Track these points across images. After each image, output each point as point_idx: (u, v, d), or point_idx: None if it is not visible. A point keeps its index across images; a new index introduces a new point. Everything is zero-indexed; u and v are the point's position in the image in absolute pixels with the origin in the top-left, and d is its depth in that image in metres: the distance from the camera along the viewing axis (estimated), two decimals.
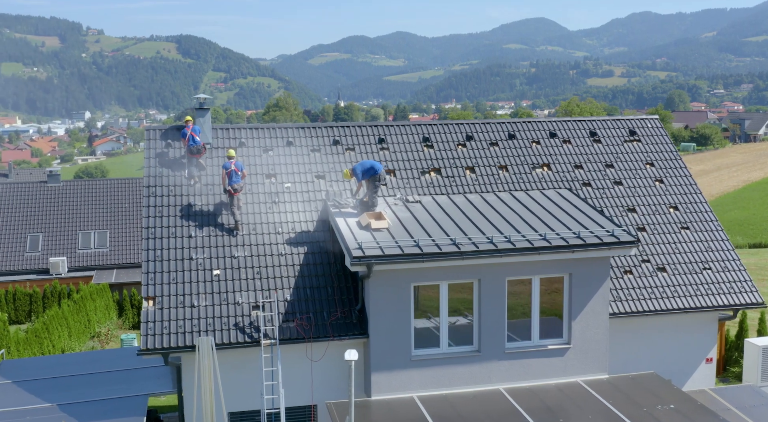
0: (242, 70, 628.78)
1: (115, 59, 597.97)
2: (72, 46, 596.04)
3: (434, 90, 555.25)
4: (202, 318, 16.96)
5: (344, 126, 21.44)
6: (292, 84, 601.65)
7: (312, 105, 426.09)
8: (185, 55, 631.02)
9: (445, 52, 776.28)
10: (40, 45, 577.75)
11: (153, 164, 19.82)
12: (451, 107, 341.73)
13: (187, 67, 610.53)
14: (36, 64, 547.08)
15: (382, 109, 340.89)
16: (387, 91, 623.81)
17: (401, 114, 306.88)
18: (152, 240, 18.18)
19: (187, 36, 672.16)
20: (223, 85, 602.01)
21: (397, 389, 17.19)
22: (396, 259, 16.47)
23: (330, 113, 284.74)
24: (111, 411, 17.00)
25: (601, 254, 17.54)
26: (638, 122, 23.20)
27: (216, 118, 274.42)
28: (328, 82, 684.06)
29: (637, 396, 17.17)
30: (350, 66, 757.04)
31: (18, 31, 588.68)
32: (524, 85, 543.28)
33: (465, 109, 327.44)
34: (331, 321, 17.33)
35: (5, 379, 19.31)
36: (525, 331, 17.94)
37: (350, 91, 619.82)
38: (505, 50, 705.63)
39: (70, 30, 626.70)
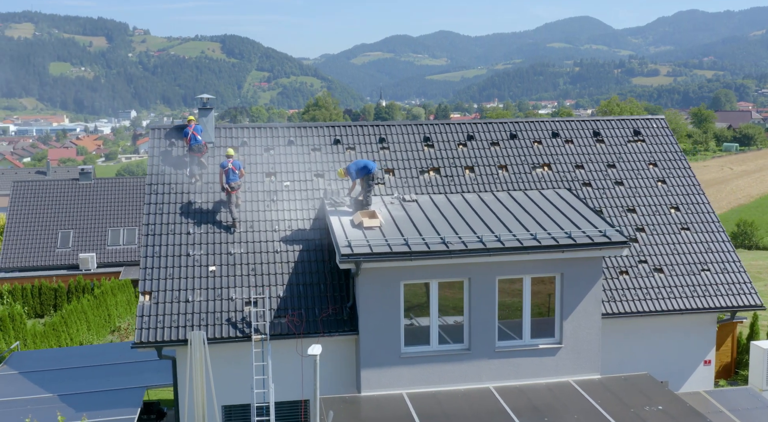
0: (285, 69, 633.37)
1: (161, 59, 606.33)
2: (119, 46, 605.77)
3: (477, 89, 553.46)
4: (196, 313, 17.35)
5: (345, 125, 21.71)
6: (334, 83, 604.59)
7: (354, 104, 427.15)
8: (229, 55, 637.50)
9: (488, 51, 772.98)
10: (87, 45, 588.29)
11: (156, 162, 20.30)
12: (492, 106, 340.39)
13: (231, 67, 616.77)
14: (84, 63, 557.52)
15: (423, 108, 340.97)
16: (429, 90, 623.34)
17: (442, 113, 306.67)
18: (151, 237, 18.64)
19: (231, 36, 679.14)
20: (267, 84, 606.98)
21: (387, 386, 17.39)
22: (384, 257, 16.68)
23: (371, 112, 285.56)
24: (108, 402, 17.50)
25: (592, 254, 17.54)
26: (644, 122, 23.07)
27: (258, 117, 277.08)
28: (370, 82, 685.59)
29: (627, 397, 17.13)
30: (393, 65, 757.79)
31: (66, 32, 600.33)
32: (568, 85, 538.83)
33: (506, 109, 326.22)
34: (322, 317, 17.61)
35: (12, 370, 19.96)
36: (517, 330, 18.02)
37: (392, 91, 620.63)
38: (548, 49, 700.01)
39: (117, 30, 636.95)
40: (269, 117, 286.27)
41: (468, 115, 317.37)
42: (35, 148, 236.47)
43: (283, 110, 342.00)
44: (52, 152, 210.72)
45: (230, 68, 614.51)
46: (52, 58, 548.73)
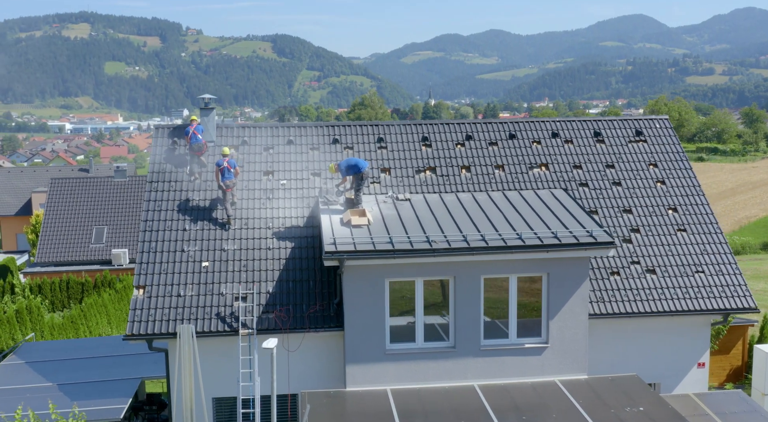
0: (335, 68, 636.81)
1: (213, 58, 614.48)
2: (172, 46, 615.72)
3: (527, 88, 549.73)
4: (187, 307, 17.85)
5: (345, 125, 22.02)
6: (384, 82, 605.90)
7: (404, 103, 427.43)
8: (280, 55, 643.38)
9: (540, 50, 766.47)
10: (141, 45, 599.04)
11: (158, 160, 20.87)
12: (541, 106, 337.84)
13: (281, 66, 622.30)
14: (138, 63, 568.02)
15: (471, 107, 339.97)
16: (479, 89, 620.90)
17: (490, 112, 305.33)
18: (148, 233, 19.20)
19: (282, 35, 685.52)
20: (317, 83, 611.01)
21: (372, 381, 17.65)
22: (367, 255, 16.94)
23: (419, 112, 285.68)
24: (102, 392, 18.12)
25: (578, 254, 17.56)
26: (646, 122, 22.92)
27: (306, 116, 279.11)
28: (420, 81, 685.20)
29: (610, 398, 17.13)
30: (443, 64, 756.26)
31: (121, 32, 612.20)
32: (620, 84, 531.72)
33: (556, 108, 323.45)
34: (309, 313, 17.95)
35: (19, 360, 20.73)
36: (504, 329, 18.12)
37: (442, 90, 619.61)
38: (601, 48, 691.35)
39: (171, 30, 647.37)
40: (317, 116, 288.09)
41: (517, 114, 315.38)
42: (89, 145, 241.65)
43: (332, 109, 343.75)
44: (105, 150, 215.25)
45: (281, 68, 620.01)
46: (108, 57, 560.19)
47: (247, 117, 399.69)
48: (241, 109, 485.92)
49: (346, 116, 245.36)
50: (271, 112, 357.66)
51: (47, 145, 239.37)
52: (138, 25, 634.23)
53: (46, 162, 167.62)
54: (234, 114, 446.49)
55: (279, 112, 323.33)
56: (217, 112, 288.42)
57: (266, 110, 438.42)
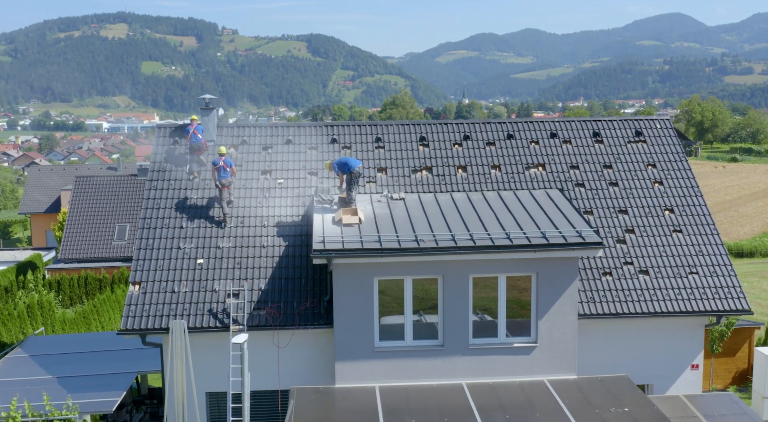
0: (370, 68, 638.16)
1: (248, 58, 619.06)
2: (208, 46, 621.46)
3: (562, 88, 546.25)
4: (180, 303, 18.21)
5: (343, 125, 22.26)
6: (418, 82, 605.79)
7: (438, 103, 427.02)
8: (315, 54, 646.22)
9: (575, 49, 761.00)
10: (178, 45, 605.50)
11: (158, 159, 21.28)
12: (575, 105, 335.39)
13: (316, 66, 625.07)
14: (174, 63, 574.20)
15: (505, 107, 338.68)
16: (514, 88, 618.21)
17: (524, 112, 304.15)
18: (146, 230, 19.60)
19: (317, 35, 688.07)
20: (351, 83, 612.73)
21: (361, 378, 17.86)
22: (355, 253, 17.15)
23: (452, 111, 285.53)
24: (99, 385, 18.56)
25: (567, 254, 17.60)
26: (647, 123, 22.84)
27: (340, 116, 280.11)
28: (454, 80, 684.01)
29: (596, 398, 17.16)
30: (477, 63, 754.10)
31: (158, 32, 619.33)
32: (657, 83, 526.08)
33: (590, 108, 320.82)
34: (299, 310, 18.22)
35: (23, 353, 21.28)
36: (494, 328, 18.22)
37: (477, 89, 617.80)
38: (637, 47, 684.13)
39: (207, 30, 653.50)
40: (351, 115, 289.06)
41: (551, 114, 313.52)
42: (124, 144, 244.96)
43: (365, 109, 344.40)
44: (139, 149, 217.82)
45: (315, 67, 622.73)
46: (144, 57, 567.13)
47: (281, 116, 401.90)
48: (276, 109, 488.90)
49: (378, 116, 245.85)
50: (305, 112, 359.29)
51: (84, 143, 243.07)
52: (174, 25, 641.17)
53: (82, 160, 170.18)
54: (268, 113, 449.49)
55: (312, 111, 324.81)
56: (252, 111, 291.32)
57: (300, 110, 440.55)
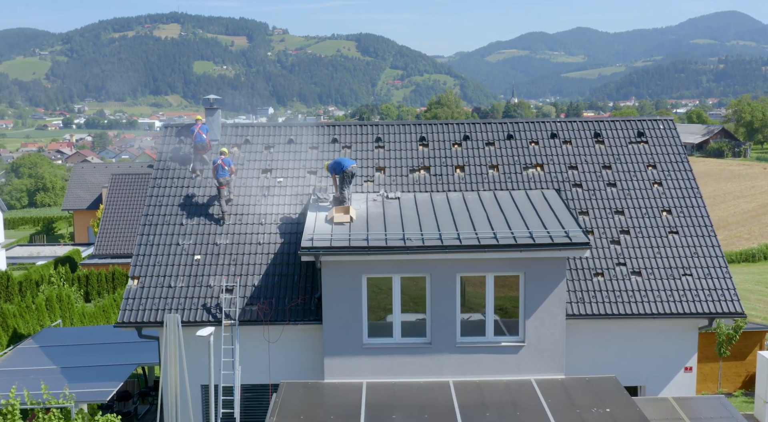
0: (419, 67, 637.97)
1: (298, 58, 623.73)
2: (258, 46, 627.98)
3: (614, 87, 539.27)
4: (175, 298, 18.74)
5: (345, 125, 22.58)
6: (467, 81, 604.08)
7: (486, 102, 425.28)
8: (364, 53, 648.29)
9: (628, 48, 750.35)
10: (229, 44, 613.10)
11: (164, 158, 21.87)
12: (626, 105, 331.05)
13: (365, 65, 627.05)
14: (225, 62, 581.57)
15: (554, 106, 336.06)
16: (565, 88, 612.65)
17: (573, 111, 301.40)
18: (147, 227, 20.19)
19: (366, 34, 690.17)
20: (400, 82, 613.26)
21: (349, 374, 18.18)
22: (341, 251, 17.48)
23: (500, 110, 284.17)
24: (98, 376, 19.23)
25: (554, 254, 17.67)
26: (649, 123, 22.70)
27: (387, 115, 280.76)
28: (504, 79, 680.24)
29: (580, 398, 17.20)
30: (528, 63, 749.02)
31: (210, 32, 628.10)
32: (711, 82, 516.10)
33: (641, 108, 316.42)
34: (290, 306, 18.60)
35: (34, 344, 22.07)
36: (482, 327, 18.37)
37: (527, 88, 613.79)
38: (691, 45, 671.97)
39: (258, 30, 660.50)
40: (398, 114, 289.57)
41: (602, 113, 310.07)
42: None
43: (412, 108, 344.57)
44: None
45: (365, 66, 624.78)
46: (196, 57, 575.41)
47: (330, 115, 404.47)
48: (325, 108, 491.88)
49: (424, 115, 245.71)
50: (353, 111, 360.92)
51: (135, 141, 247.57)
52: (226, 25, 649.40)
53: (132, 158, 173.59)
54: (317, 112, 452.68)
55: (360, 110, 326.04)
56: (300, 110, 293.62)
57: (349, 109, 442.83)
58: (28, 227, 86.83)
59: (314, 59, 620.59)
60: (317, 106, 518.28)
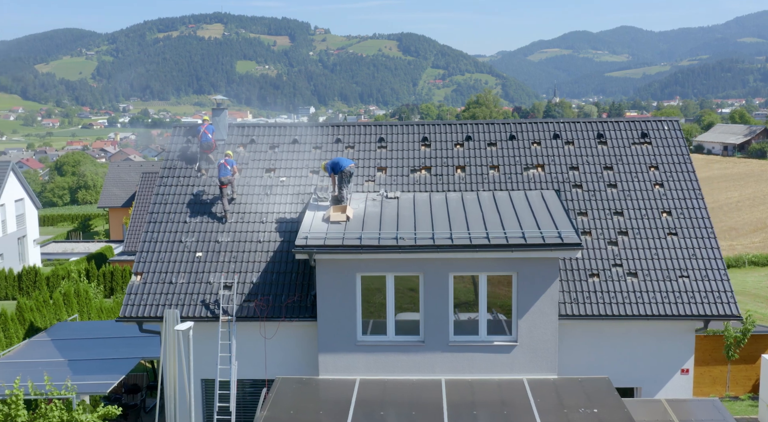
0: (460, 66, 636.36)
1: (340, 57, 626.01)
2: (300, 45, 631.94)
3: (658, 86, 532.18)
4: (176, 294, 19.20)
5: (349, 125, 22.88)
6: (509, 80, 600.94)
7: (528, 102, 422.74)
8: (405, 53, 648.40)
9: (673, 47, 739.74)
10: (271, 44, 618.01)
11: (171, 157, 22.38)
12: (669, 104, 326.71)
13: (406, 65, 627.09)
14: (267, 62, 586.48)
15: (596, 106, 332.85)
16: (608, 87, 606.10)
17: (615, 111, 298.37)
18: (152, 224, 20.70)
19: (408, 34, 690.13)
20: (441, 81, 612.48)
21: (343, 371, 18.47)
22: (334, 250, 17.78)
23: (540, 110, 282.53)
24: (102, 369, 19.78)
25: (546, 255, 17.75)
26: (654, 124, 22.60)
27: (427, 114, 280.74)
28: (546, 79, 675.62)
29: (570, 398, 17.26)
30: (570, 62, 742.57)
31: (252, 32, 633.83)
32: (758, 82, 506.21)
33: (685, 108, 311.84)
34: (286, 303, 18.95)
35: (47, 337, 22.73)
36: (475, 326, 18.52)
37: (569, 88, 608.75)
38: (738, 44, 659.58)
39: (299, 29, 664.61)
40: (438, 114, 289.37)
41: (645, 113, 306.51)
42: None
43: (452, 108, 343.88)
44: None
45: (406, 66, 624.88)
46: (239, 56, 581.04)
47: (370, 114, 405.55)
48: (366, 107, 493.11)
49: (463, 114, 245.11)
50: (393, 110, 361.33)
51: None
52: (268, 24, 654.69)
53: None
54: (358, 111, 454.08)
55: (400, 110, 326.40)
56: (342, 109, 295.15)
57: (390, 108, 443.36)
58: (66, 224, 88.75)
59: (356, 59, 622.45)
60: (358, 105, 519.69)
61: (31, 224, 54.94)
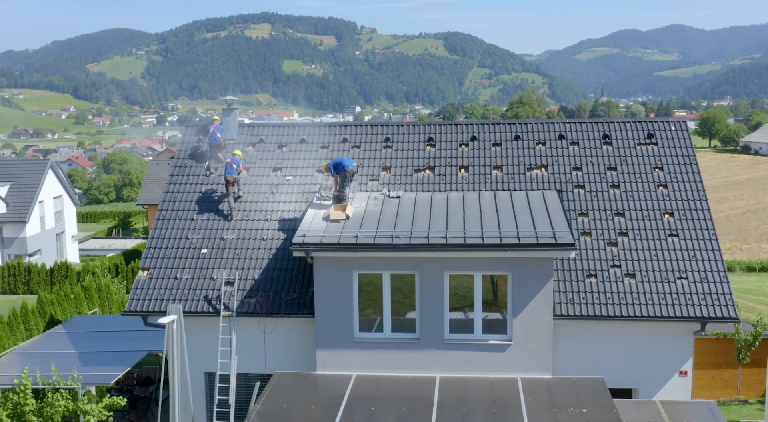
0: (507, 66, 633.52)
1: (386, 56, 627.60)
2: (347, 45, 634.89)
3: (709, 86, 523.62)
4: (180, 289, 19.73)
5: (356, 125, 23.20)
6: (556, 80, 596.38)
7: (575, 101, 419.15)
8: (452, 52, 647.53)
9: (725, 46, 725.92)
10: (318, 43, 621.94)
11: (182, 156, 22.95)
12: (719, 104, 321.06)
13: (453, 64, 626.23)
14: (314, 61, 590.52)
15: (643, 105, 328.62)
16: (657, 86, 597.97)
17: (664, 111, 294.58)
18: (161, 221, 21.27)
19: (454, 33, 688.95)
20: (487, 81, 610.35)
21: (340, 367, 18.80)
22: (330, 248, 18.12)
23: (586, 110, 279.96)
24: (110, 360, 20.45)
25: (540, 254, 17.85)
26: (661, 125, 22.49)
27: (472, 114, 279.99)
28: (594, 78, 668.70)
29: (561, 398, 17.33)
30: (619, 61, 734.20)
31: (299, 31, 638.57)
32: None
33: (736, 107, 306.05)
34: (286, 299, 19.35)
35: (63, 330, 23.47)
36: (471, 324, 18.70)
37: (618, 87, 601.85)
38: None
39: (346, 29, 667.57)
40: (483, 114, 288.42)
41: (695, 112, 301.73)
42: None
43: (498, 107, 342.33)
44: None
45: (452, 65, 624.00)
46: (286, 56, 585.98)
47: (416, 114, 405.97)
48: (411, 106, 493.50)
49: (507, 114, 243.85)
50: (439, 110, 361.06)
51: None
52: (315, 24, 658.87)
53: None
54: (404, 111, 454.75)
55: (445, 109, 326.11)
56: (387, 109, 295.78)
57: (436, 107, 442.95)
58: (108, 221, 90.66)
59: (402, 58, 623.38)
60: (404, 104, 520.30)
61: (69, 220, 56.38)
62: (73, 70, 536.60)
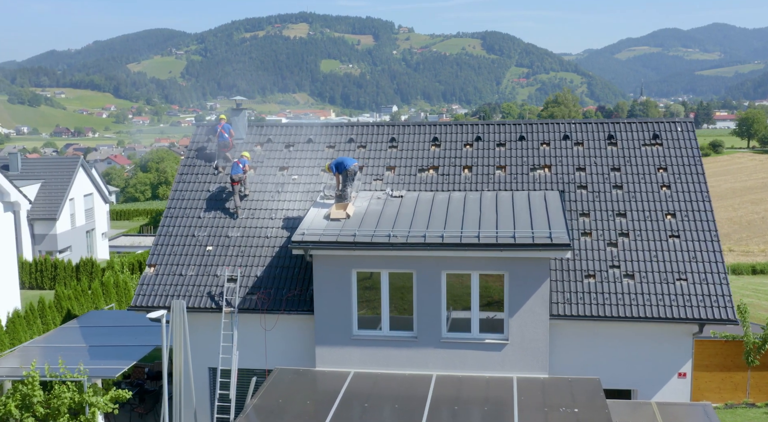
0: (545, 65, 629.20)
1: (423, 56, 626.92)
2: (384, 44, 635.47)
3: (751, 85, 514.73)
4: (184, 285, 20.16)
5: (362, 125, 23.47)
6: (595, 79, 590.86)
7: (614, 101, 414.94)
8: (489, 51, 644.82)
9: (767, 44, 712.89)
10: (355, 43, 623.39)
11: (191, 155, 23.39)
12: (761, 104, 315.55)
13: (490, 63, 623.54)
14: (351, 61, 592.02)
15: (683, 105, 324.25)
16: (698, 86, 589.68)
17: (704, 111, 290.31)
18: (168, 219, 21.73)
19: (492, 32, 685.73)
20: (525, 80, 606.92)
21: (338, 363, 19.07)
22: (329, 246, 18.39)
23: (625, 110, 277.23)
24: (117, 354, 20.90)
25: (535, 254, 17.93)
26: (667, 125, 22.38)
27: (509, 114, 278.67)
28: (634, 77, 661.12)
29: (554, 398, 17.39)
30: (659, 60, 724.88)
31: (337, 31, 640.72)
32: None
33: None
34: (287, 297, 19.66)
35: (76, 324, 24.05)
36: (467, 323, 18.84)
37: (658, 87, 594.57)
38: None
39: (383, 29, 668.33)
40: (519, 113, 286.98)
41: (735, 112, 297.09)
42: None
43: (535, 107, 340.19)
44: None
45: (489, 64, 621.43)
46: (323, 55, 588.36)
47: (453, 113, 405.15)
48: (448, 106, 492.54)
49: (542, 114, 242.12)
50: (476, 109, 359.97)
51: None
52: (353, 24, 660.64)
53: None
54: (441, 110, 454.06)
55: (482, 109, 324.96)
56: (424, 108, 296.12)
57: (474, 106, 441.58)
58: (142, 218, 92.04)
59: (439, 57, 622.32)
60: (441, 104, 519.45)
61: (100, 218, 57.42)
62: (114, 70, 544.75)
